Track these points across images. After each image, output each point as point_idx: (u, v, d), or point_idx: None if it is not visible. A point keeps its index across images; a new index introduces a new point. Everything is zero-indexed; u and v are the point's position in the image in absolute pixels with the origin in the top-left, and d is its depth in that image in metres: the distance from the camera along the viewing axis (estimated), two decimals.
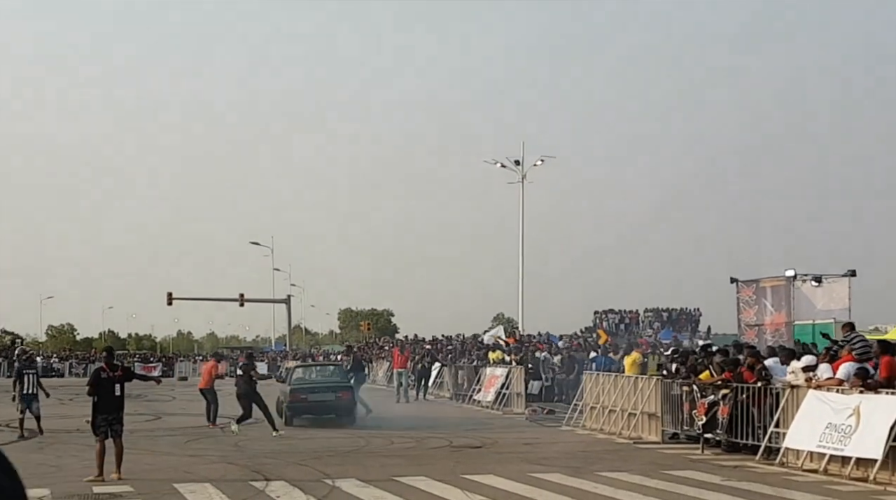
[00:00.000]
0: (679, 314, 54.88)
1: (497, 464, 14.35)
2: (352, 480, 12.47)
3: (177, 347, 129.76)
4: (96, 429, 12.91)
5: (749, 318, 39.97)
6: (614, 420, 19.48)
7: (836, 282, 36.66)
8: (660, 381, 18.48)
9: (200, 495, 11.26)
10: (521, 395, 26.07)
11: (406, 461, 14.97)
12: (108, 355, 13.85)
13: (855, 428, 12.76)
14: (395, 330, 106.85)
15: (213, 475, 13.07)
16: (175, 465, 14.29)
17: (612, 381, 20.23)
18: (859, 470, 12.69)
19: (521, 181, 49.38)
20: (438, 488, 11.83)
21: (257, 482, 12.29)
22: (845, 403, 13.17)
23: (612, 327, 51.55)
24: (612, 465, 14.27)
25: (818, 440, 13.34)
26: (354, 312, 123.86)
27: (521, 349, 34.93)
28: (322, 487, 11.89)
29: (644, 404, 18.49)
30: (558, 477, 12.79)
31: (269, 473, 13.18)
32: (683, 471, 13.52)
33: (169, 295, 66.30)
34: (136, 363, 66.79)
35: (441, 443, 17.57)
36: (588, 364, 26.02)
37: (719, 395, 16.09)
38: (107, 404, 12.98)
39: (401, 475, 12.98)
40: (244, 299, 69.07)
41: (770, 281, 39.29)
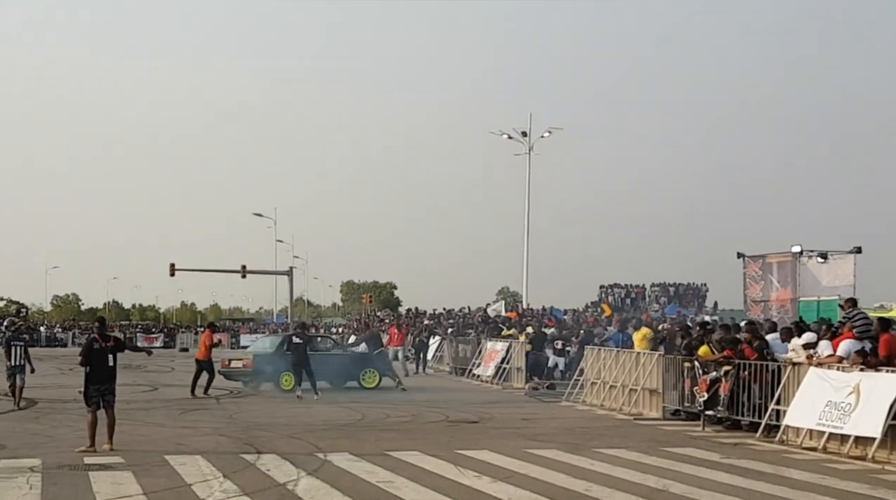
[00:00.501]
0: (686, 289, 54.72)
1: (492, 439, 14.20)
2: (344, 454, 12.33)
3: (180, 318, 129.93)
4: (88, 400, 12.77)
5: (755, 294, 39.76)
6: (615, 396, 19.33)
7: (841, 259, 36.42)
8: (662, 357, 18.31)
9: (191, 467, 11.12)
10: (522, 369, 25.93)
11: (400, 435, 14.83)
12: (101, 325, 13.65)
13: (854, 406, 12.60)
14: (397, 303, 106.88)
15: (204, 447, 12.93)
16: (168, 437, 14.16)
17: (613, 356, 20.07)
18: (858, 448, 12.54)
19: (528, 153, 48.99)
20: (431, 462, 11.68)
21: (248, 455, 12.15)
22: (845, 381, 13.01)
23: (617, 302, 51.48)
24: (611, 441, 14.11)
25: (818, 417, 13.19)
26: (357, 284, 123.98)
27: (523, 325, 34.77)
28: (313, 461, 11.75)
29: (645, 380, 18.34)
30: (554, 453, 12.63)
31: (262, 446, 13.05)
32: (683, 448, 13.36)
33: (172, 266, 66.08)
34: (138, 334, 66.87)
35: (437, 417, 17.43)
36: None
37: (721, 371, 15.92)
38: (99, 375, 12.84)
39: (394, 449, 12.83)
40: (246, 270, 68.92)
41: (776, 257, 39.03)
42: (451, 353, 32.79)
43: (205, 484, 10.06)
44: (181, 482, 10.23)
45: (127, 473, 10.71)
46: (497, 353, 27.72)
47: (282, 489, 9.89)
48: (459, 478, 10.62)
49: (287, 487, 9.96)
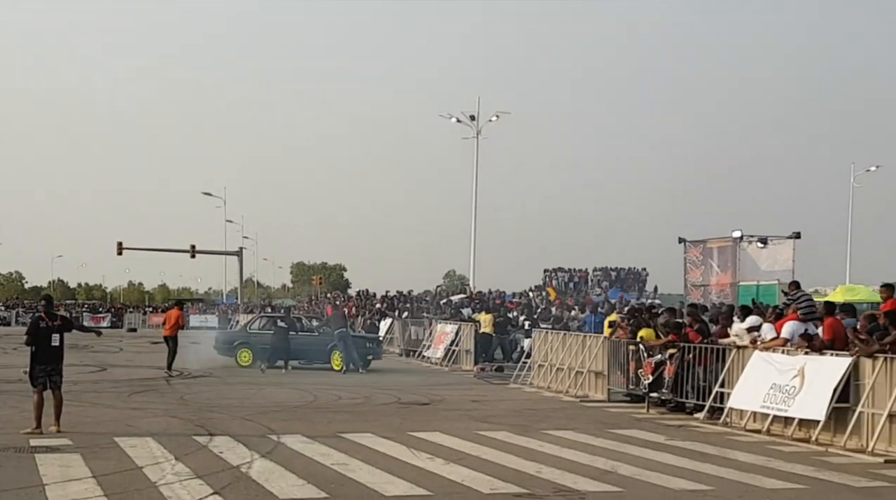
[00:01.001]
0: (626, 274, 55.39)
1: (444, 421, 14.32)
2: (297, 436, 12.34)
3: (127, 298, 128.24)
4: (34, 380, 12.52)
5: (695, 278, 40.30)
6: (561, 379, 19.57)
7: (780, 244, 37.07)
8: (607, 340, 18.56)
9: (141, 449, 11.02)
10: (471, 352, 26.14)
11: (353, 416, 14.88)
12: (48, 303, 13.38)
13: (799, 389, 12.89)
14: (347, 285, 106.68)
15: (155, 428, 12.84)
16: (117, 418, 14.02)
17: (560, 339, 20.30)
18: (801, 431, 12.84)
19: (476, 137, 49.10)
20: (384, 444, 11.74)
21: (200, 437, 12.09)
22: (790, 364, 13.29)
23: (561, 286, 51.85)
24: (559, 423, 14.30)
25: (762, 400, 13.47)
26: (307, 266, 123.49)
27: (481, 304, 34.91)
28: (266, 442, 11.74)
29: (591, 363, 18.58)
30: (505, 435, 12.78)
31: (214, 427, 13.00)
32: (628, 430, 13.59)
33: (119, 245, 65.14)
34: (85, 314, 65.89)
35: (389, 399, 17.50)
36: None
37: (666, 354, 16.19)
38: (45, 355, 12.59)
39: (347, 431, 12.87)
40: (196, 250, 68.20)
41: (717, 242, 39.58)
42: (403, 335, 32.86)
43: (156, 467, 9.99)
44: (132, 464, 10.13)
45: (75, 455, 10.57)
46: (447, 335, 27.88)
47: (235, 471, 9.85)
48: (413, 460, 10.69)
49: (241, 469, 9.94)
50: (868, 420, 11.89)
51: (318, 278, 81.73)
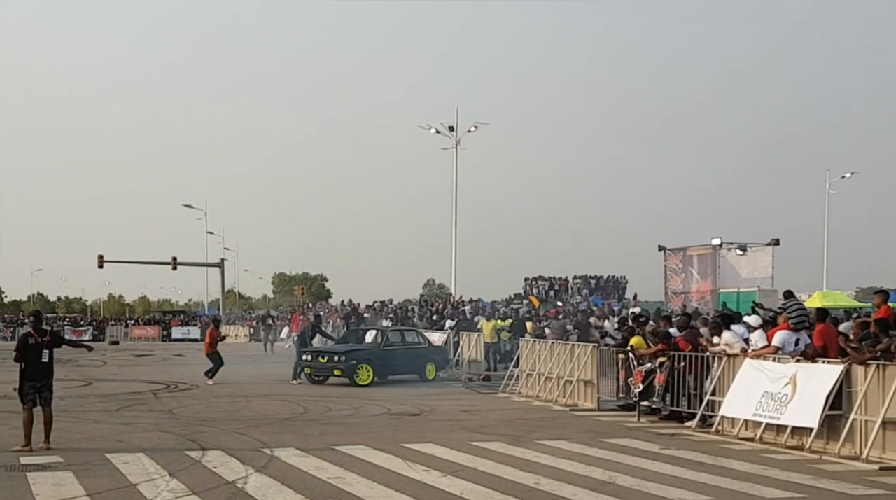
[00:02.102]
0: (606, 281, 55.62)
1: (436, 432, 14.26)
2: (290, 449, 12.25)
3: (108, 310, 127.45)
4: (24, 397, 12.38)
5: (676, 285, 40.47)
6: (550, 388, 19.55)
7: (760, 251, 37.28)
8: (596, 349, 18.56)
9: (134, 465, 10.91)
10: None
11: (345, 428, 14.80)
12: (37, 319, 13.24)
13: (791, 397, 12.90)
14: (328, 295, 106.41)
15: (146, 444, 12.71)
16: (106, 434, 13.87)
17: (548, 348, 20.28)
18: (794, 439, 12.86)
19: (455, 147, 49.18)
20: (379, 457, 11.67)
21: (193, 452, 11.97)
22: (781, 371, 13.30)
23: (541, 294, 51.91)
24: (551, 433, 14.27)
25: (754, 408, 13.48)
26: (288, 276, 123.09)
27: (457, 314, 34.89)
28: (260, 457, 11.64)
29: (580, 372, 18.57)
30: (499, 446, 12.73)
31: (205, 442, 12.88)
32: (622, 439, 13.57)
33: (100, 258, 64.97)
34: (66, 327, 65.36)
35: (379, 410, 17.42)
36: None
37: (656, 363, 16.20)
38: (35, 371, 12.45)
39: (340, 443, 12.79)
40: (177, 262, 68.00)
41: (697, 249, 39.79)
42: None
43: (150, 483, 9.88)
44: (125, 481, 10.01)
45: (67, 473, 10.44)
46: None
47: (231, 486, 9.77)
48: (409, 472, 10.63)
49: (236, 485, 9.85)
50: (861, 428, 11.92)
51: (301, 288, 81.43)
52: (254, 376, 25.64)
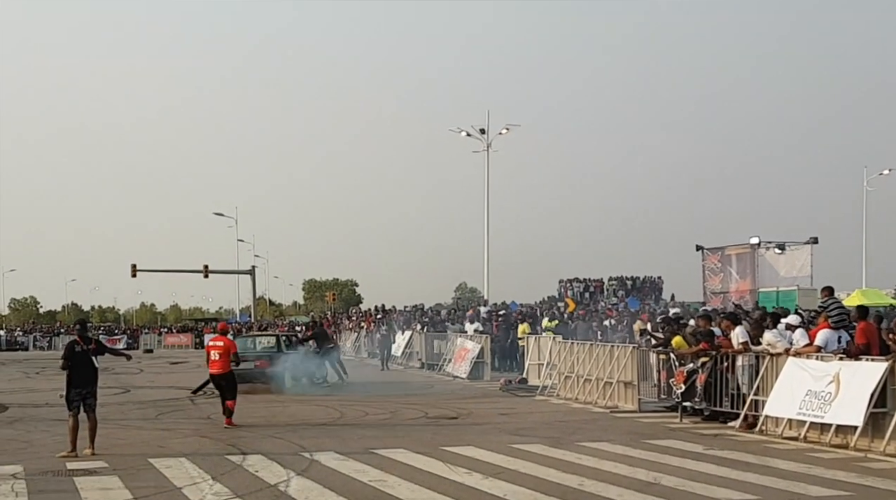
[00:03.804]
0: (642, 282, 55.27)
1: (476, 435, 14.20)
2: (330, 453, 12.25)
3: (140, 319, 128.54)
4: (70, 403, 12.55)
5: (714, 285, 40.14)
6: (589, 390, 19.42)
7: (798, 249, 36.90)
8: (636, 350, 18.42)
9: (177, 470, 10.97)
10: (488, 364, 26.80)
11: (383, 432, 14.78)
12: (82, 327, 13.40)
13: (835, 395, 12.71)
14: (359, 300, 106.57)
15: (187, 449, 12.78)
16: (147, 439, 13.98)
17: (587, 350, 20.15)
18: (839, 437, 12.68)
19: (487, 150, 49.06)
20: (419, 460, 11.64)
21: (233, 456, 12.02)
22: (825, 370, 13.12)
23: (576, 296, 51.68)
24: (592, 435, 14.16)
25: (798, 407, 13.30)
26: (318, 282, 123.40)
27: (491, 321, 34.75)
28: (300, 461, 11.65)
29: (620, 373, 18.43)
30: (540, 448, 12.65)
31: (245, 446, 12.92)
32: (665, 440, 13.44)
33: (133, 267, 65.26)
34: (101, 336, 65.98)
35: (416, 414, 17.40)
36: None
37: (698, 363, 16.04)
38: (81, 378, 12.63)
39: (379, 447, 12.77)
40: (208, 270, 68.29)
41: (735, 249, 39.45)
42: (424, 348, 32.73)
43: (194, 487, 9.93)
44: (170, 485, 10.09)
45: (113, 477, 10.54)
46: (467, 351, 27.81)
47: (274, 489, 9.78)
48: (450, 475, 10.58)
49: (279, 488, 9.86)
50: None
51: (332, 294, 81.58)
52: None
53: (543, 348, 23.35)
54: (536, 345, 24.25)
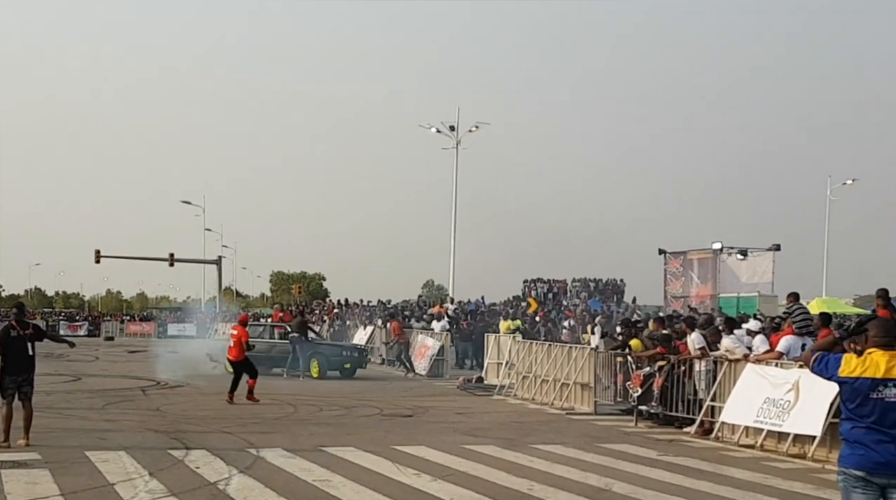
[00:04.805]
0: (605, 285, 55.43)
1: (429, 434, 13.90)
2: (277, 450, 11.88)
3: (106, 306, 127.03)
4: (4, 391, 11.96)
5: (675, 289, 40.20)
6: (546, 390, 19.19)
7: (760, 256, 37.01)
8: (593, 351, 18.21)
9: (114, 464, 10.54)
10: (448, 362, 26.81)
11: (334, 429, 14.43)
12: (19, 311, 12.81)
13: (794, 404, 12.53)
14: (326, 294, 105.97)
15: (129, 442, 12.33)
16: (90, 430, 13.48)
17: (545, 350, 19.93)
18: (796, 447, 12.50)
19: (456, 147, 48.77)
20: (369, 459, 11.31)
21: (176, 451, 11.61)
22: (784, 377, 12.93)
23: (540, 296, 51.64)
24: (546, 437, 13.91)
25: (755, 414, 13.11)
26: (286, 275, 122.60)
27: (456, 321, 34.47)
28: (245, 457, 11.28)
29: (577, 375, 18.21)
30: (492, 449, 12.37)
31: (190, 441, 12.51)
32: (619, 444, 13.22)
33: (97, 253, 64.44)
34: (62, 322, 64.93)
35: (371, 411, 17.06)
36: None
37: (655, 367, 15.84)
38: (16, 365, 12.03)
39: (329, 444, 12.43)
40: (174, 258, 67.54)
41: (697, 253, 39.51)
42: (386, 344, 32.34)
43: (129, 483, 9.50)
44: (103, 481, 9.64)
45: (43, 471, 10.05)
46: (427, 348, 27.54)
47: (212, 488, 9.39)
48: (398, 476, 10.27)
49: (218, 486, 9.48)
50: None
51: (298, 286, 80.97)
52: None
53: (503, 348, 23.12)
54: (496, 344, 24.01)
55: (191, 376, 23.51)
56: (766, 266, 37.59)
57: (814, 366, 5.79)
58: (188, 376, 23.67)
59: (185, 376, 23.50)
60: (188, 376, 23.67)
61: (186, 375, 23.85)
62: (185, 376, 23.48)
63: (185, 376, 23.66)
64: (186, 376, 23.66)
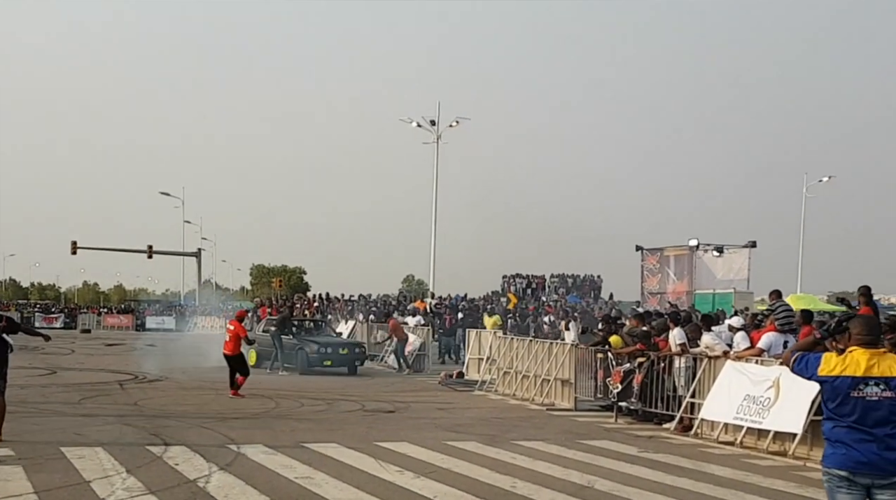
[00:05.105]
0: (583, 281, 55.64)
1: (411, 430, 13.84)
2: (258, 446, 11.78)
3: (82, 298, 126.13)
4: None
5: (652, 286, 40.34)
6: (527, 386, 19.18)
7: (736, 253, 37.18)
8: (574, 347, 18.21)
9: (90, 461, 10.38)
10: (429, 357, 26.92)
11: (316, 425, 14.33)
12: None
13: (774, 401, 12.55)
14: (306, 288, 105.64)
15: (106, 437, 12.17)
16: (65, 426, 13.29)
17: (526, 346, 19.91)
18: (776, 444, 12.52)
19: (437, 142, 48.72)
20: (350, 456, 11.23)
21: (155, 447, 11.47)
22: (764, 374, 12.94)
23: (518, 292, 51.77)
24: (528, 433, 13.89)
25: (735, 411, 13.13)
26: (266, 268, 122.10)
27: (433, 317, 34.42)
28: (226, 453, 11.17)
29: (558, 371, 18.20)
30: (474, 446, 12.32)
31: (169, 437, 12.38)
32: (599, 441, 13.20)
33: (73, 244, 63.98)
34: (37, 314, 64.37)
35: (352, 406, 16.98)
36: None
37: (635, 363, 15.84)
38: None
39: (311, 440, 12.33)
40: (153, 250, 67.15)
41: (674, 250, 39.66)
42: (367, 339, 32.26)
43: (105, 481, 9.35)
44: (78, 478, 9.47)
45: (17, 468, 9.86)
46: (409, 344, 27.46)
47: (192, 485, 9.28)
48: (381, 473, 10.20)
49: (197, 484, 9.36)
50: None
51: (279, 280, 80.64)
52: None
53: (484, 343, 23.09)
54: (477, 339, 23.98)
55: (169, 370, 23.33)
56: (741, 263, 37.77)
57: (794, 366, 5.75)
58: (166, 370, 23.49)
59: (164, 370, 23.33)
60: (166, 370, 23.49)
61: (163, 369, 23.69)
62: (162, 370, 23.31)
63: (162, 370, 23.48)
64: (164, 370, 23.49)
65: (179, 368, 24.29)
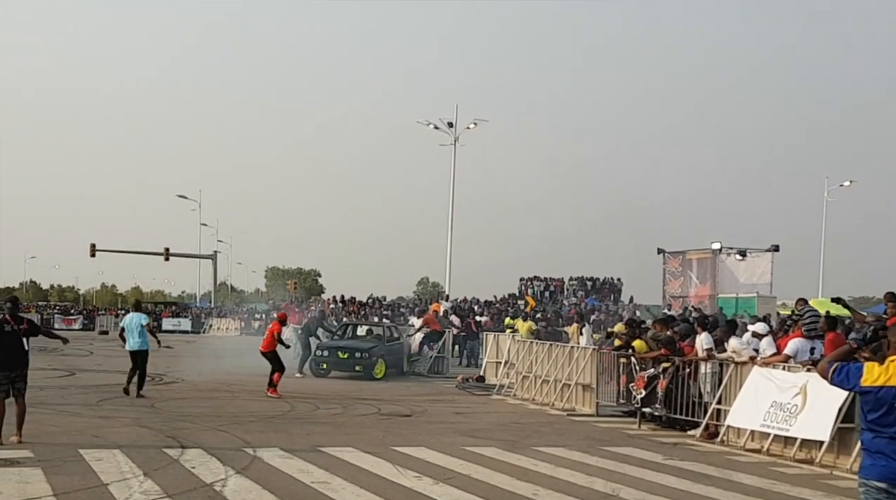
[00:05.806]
0: (602, 284, 55.31)
1: (428, 435, 13.64)
2: (274, 449, 11.63)
3: (101, 300, 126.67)
4: None
5: (674, 289, 39.99)
6: (547, 391, 18.96)
7: (759, 256, 36.84)
8: (596, 352, 17.97)
9: (108, 463, 10.27)
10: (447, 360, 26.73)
11: (332, 429, 14.17)
12: (13, 306, 12.52)
13: (801, 408, 12.29)
14: (321, 290, 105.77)
15: (123, 440, 12.06)
16: (83, 428, 13.20)
17: (546, 350, 19.68)
18: (803, 452, 12.27)
19: (454, 144, 48.51)
20: (368, 461, 11.06)
21: (172, 450, 11.34)
22: (791, 381, 12.70)
23: (537, 295, 51.49)
24: (549, 439, 13.67)
25: (762, 418, 12.88)
26: (281, 270, 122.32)
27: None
28: (242, 457, 11.02)
29: (579, 375, 17.97)
30: (494, 451, 12.11)
31: (186, 439, 12.25)
32: (623, 448, 12.97)
33: (92, 246, 64.30)
34: (56, 315, 64.54)
35: (368, 410, 16.80)
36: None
37: (660, 368, 15.59)
38: (9, 360, 11.73)
39: (327, 444, 12.17)
40: (170, 253, 67.37)
41: (696, 253, 39.31)
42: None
43: (123, 483, 9.24)
44: (97, 480, 9.37)
45: (36, 470, 9.78)
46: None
47: (208, 489, 9.13)
48: (399, 479, 10.01)
49: (214, 487, 9.21)
50: None
51: (294, 282, 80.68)
52: (242, 368, 24.84)
53: (502, 346, 22.87)
54: (495, 343, 23.76)
55: (187, 372, 23.24)
56: (764, 267, 37.43)
57: (833, 377, 5.52)
58: (184, 371, 23.40)
59: (181, 372, 23.23)
60: (184, 371, 23.40)
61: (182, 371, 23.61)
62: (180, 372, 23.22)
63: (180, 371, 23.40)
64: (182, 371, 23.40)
65: (197, 369, 24.16)
